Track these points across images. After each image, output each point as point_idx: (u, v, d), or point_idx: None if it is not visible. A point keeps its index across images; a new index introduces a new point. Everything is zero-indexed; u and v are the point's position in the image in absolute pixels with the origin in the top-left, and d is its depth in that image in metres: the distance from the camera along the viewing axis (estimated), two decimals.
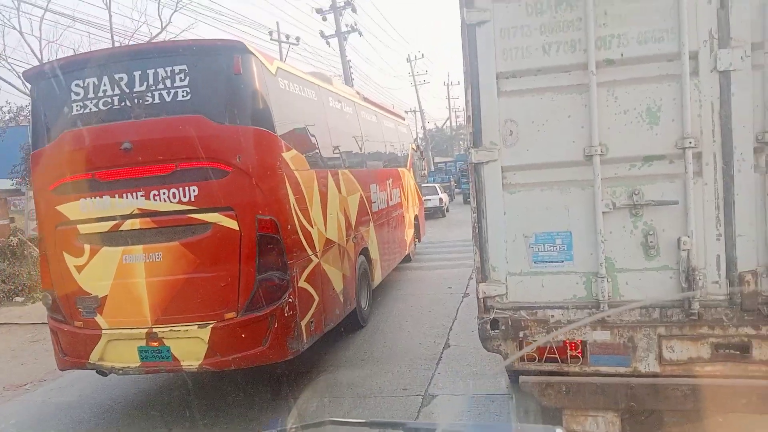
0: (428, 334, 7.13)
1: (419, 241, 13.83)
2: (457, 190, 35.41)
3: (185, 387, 6.07)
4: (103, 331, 5.09)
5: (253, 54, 5.12)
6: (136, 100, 4.96)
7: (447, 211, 26.09)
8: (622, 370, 3.53)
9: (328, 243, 6.34)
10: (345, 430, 2.39)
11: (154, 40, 19.97)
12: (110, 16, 19.77)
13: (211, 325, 4.88)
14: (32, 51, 20.08)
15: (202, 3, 49.06)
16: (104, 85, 4.99)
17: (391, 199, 10.20)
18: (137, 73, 4.92)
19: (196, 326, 4.90)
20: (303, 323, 5.31)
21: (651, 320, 3.50)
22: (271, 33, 26.05)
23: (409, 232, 12.14)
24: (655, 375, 3.47)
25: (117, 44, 19.96)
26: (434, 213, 23.48)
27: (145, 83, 4.92)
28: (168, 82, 4.87)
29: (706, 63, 3.29)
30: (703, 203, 3.36)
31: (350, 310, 7.05)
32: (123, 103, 4.98)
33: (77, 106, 5.05)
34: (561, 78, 3.52)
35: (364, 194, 8.21)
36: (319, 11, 25.96)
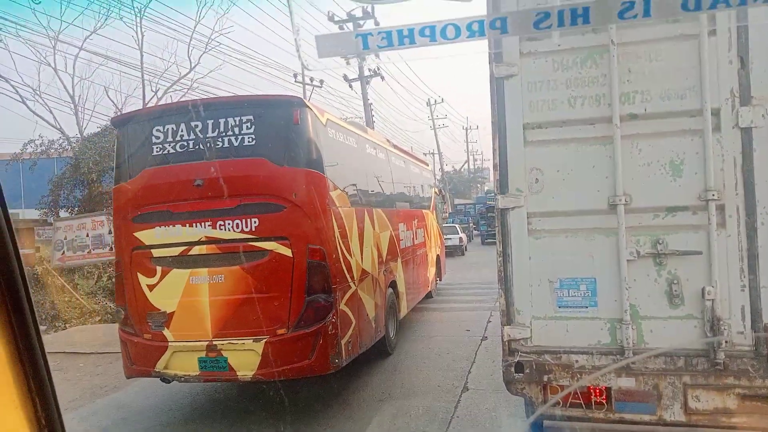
0: (447, 376, 7.10)
1: (440, 279, 14.24)
2: (475, 232, 35.94)
3: (204, 424, 6.15)
4: (170, 344, 5.65)
5: (309, 108, 5.83)
6: (208, 144, 5.59)
7: (466, 250, 27.39)
8: (647, 418, 3.53)
9: (364, 273, 6.86)
10: None
11: (182, 80, 20.88)
12: (141, 56, 20.67)
13: (265, 340, 5.42)
14: (65, 87, 21.00)
15: (231, 45, 50.78)
16: (181, 131, 5.65)
17: (416, 238, 10.74)
18: (210, 122, 5.66)
19: (252, 340, 5.45)
20: (343, 342, 5.83)
21: (676, 368, 3.51)
22: (295, 75, 26.75)
23: (432, 270, 12.60)
24: (680, 424, 3.46)
25: (147, 82, 20.83)
26: (454, 251, 24.53)
27: (217, 130, 5.58)
28: (236, 130, 5.58)
29: (728, 119, 3.39)
30: (727, 254, 3.41)
31: (380, 336, 7.49)
32: (197, 147, 5.64)
33: (157, 148, 5.76)
34: (586, 130, 3.65)
35: (393, 232, 8.73)
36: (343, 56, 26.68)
